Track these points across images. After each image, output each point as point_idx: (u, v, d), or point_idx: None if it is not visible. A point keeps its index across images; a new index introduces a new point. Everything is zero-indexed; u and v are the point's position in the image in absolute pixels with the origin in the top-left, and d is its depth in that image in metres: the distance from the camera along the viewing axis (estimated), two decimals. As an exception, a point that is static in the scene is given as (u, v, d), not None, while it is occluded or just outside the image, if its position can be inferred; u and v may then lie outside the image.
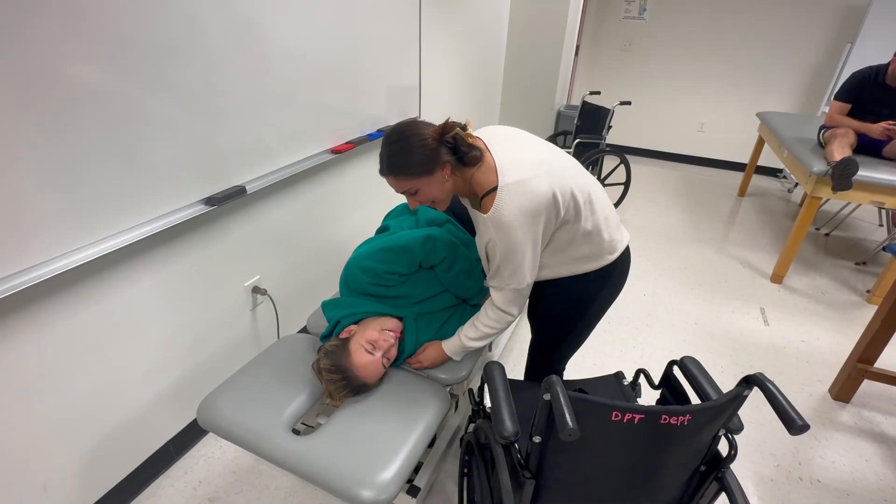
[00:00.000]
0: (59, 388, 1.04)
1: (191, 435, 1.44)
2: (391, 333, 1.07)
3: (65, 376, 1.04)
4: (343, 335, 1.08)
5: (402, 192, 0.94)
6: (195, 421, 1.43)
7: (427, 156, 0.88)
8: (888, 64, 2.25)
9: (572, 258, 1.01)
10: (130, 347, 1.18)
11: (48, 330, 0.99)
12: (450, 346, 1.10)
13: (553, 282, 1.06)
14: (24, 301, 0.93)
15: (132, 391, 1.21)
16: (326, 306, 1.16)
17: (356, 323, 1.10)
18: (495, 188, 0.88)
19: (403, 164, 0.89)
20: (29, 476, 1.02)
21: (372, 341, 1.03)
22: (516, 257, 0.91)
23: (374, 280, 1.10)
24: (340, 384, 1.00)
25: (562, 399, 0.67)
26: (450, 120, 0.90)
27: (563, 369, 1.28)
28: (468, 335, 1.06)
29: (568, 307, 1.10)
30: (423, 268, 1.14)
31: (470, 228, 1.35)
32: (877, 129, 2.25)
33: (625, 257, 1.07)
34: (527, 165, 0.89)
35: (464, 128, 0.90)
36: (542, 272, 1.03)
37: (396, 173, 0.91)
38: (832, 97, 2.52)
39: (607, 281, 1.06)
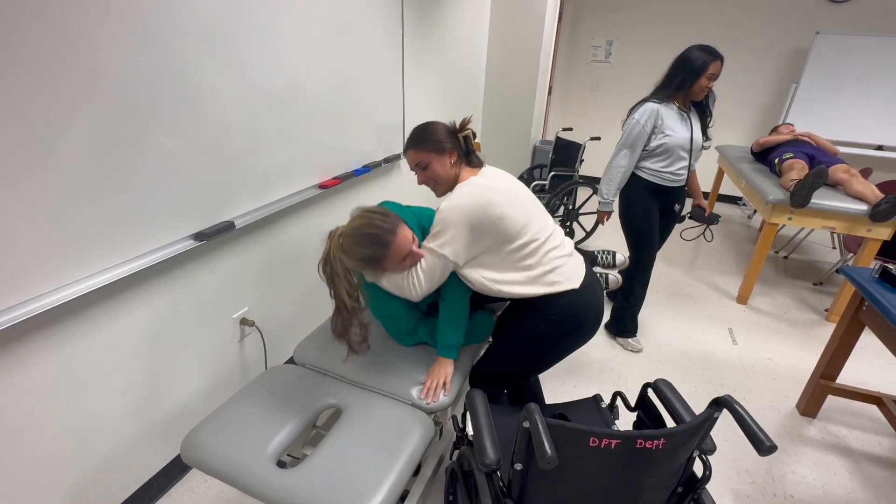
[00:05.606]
0: (42, 424, 1.02)
1: (175, 470, 1.40)
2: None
3: (48, 412, 1.02)
4: None
5: (415, 166, 1.18)
6: (180, 455, 1.39)
7: (441, 138, 1.15)
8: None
9: (506, 279, 1.15)
10: (116, 381, 1.16)
11: (32, 366, 0.98)
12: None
13: (511, 325, 1.23)
14: (9, 337, 0.92)
15: (116, 426, 1.19)
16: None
17: None
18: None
19: (423, 139, 1.16)
20: (3, 522, 0.99)
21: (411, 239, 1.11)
22: (446, 224, 1.09)
23: None
24: (364, 240, 1.07)
25: (540, 427, 0.69)
26: (467, 118, 1.19)
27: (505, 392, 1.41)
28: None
29: (524, 345, 1.23)
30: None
31: None
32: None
33: (568, 303, 1.15)
34: (497, 187, 1.11)
35: (475, 135, 1.20)
36: (475, 273, 1.16)
37: (417, 145, 1.16)
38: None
39: (563, 330, 1.18)
